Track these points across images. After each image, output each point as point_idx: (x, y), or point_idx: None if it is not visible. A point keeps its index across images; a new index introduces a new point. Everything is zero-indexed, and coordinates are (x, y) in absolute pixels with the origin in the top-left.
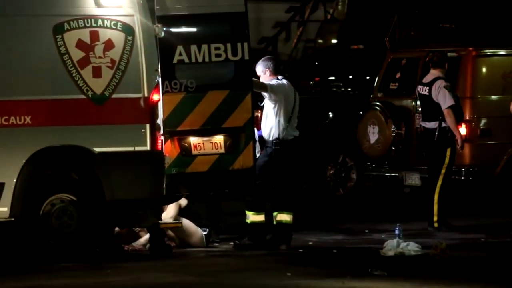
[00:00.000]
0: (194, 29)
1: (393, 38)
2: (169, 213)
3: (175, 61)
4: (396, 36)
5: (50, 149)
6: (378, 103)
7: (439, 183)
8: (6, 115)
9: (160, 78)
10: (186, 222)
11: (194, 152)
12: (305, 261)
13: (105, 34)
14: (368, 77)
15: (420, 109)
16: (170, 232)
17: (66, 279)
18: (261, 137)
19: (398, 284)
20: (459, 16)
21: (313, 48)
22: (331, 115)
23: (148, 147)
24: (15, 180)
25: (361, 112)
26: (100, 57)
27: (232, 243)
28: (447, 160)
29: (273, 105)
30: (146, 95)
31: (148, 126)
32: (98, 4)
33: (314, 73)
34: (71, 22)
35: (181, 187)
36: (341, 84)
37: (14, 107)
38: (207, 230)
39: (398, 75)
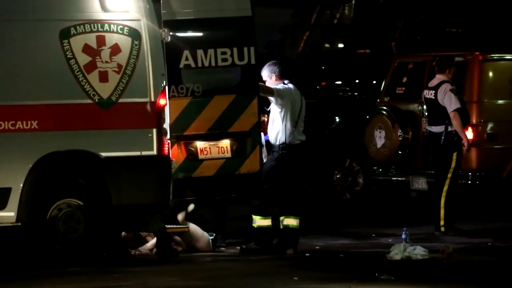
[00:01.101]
0: (200, 34)
1: (400, 43)
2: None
3: (181, 65)
4: (403, 40)
5: (57, 154)
6: (384, 108)
7: (445, 187)
8: (13, 120)
9: (166, 83)
10: (193, 227)
11: (201, 156)
12: (311, 265)
13: (111, 38)
14: (374, 82)
15: (426, 113)
16: (176, 237)
17: (73, 284)
18: (267, 141)
19: None
20: (465, 21)
21: (319, 52)
22: (337, 120)
23: (154, 152)
24: (22, 185)
25: (367, 117)
26: (106, 62)
27: (238, 247)
28: (453, 164)
29: (280, 110)
30: (152, 99)
31: (154, 130)
32: (104, 9)
33: (321, 78)
34: (78, 27)
35: (187, 192)
36: (347, 88)
37: (21, 112)
38: (214, 234)
39: (404, 80)
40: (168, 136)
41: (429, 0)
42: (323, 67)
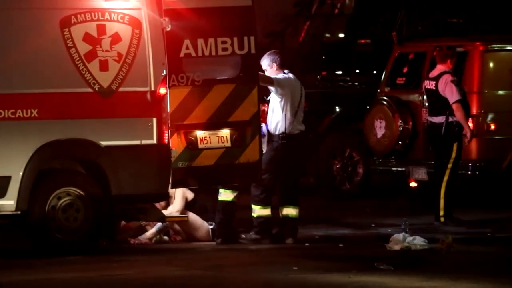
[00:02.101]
0: (201, 23)
1: (401, 33)
2: (175, 206)
3: (182, 54)
4: (404, 30)
5: (57, 142)
6: (385, 98)
7: (445, 178)
8: (13, 108)
9: (166, 72)
10: (192, 216)
11: (201, 146)
12: (311, 255)
13: (112, 27)
14: (375, 72)
15: (427, 104)
16: (176, 226)
17: (72, 273)
18: (267, 131)
19: (404, 278)
20: (466, 11)
21: (320, 42)
22: (338, 110)
23: (154, 141)
24: (21, 174)
25: (368, 107)
26: (107, 51)
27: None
28: (453, 155)
29: (280, 99)
30: (152, 88)
31: (154, 119)
32: None
33: (321, 68)
34: (78, 16)
35: (187, 181)
36: (348, 78)
37: (21, 100)
38: (213, 223)
39: (405, 70)
40: (168, 125)
41: None
42: (323, 57)
